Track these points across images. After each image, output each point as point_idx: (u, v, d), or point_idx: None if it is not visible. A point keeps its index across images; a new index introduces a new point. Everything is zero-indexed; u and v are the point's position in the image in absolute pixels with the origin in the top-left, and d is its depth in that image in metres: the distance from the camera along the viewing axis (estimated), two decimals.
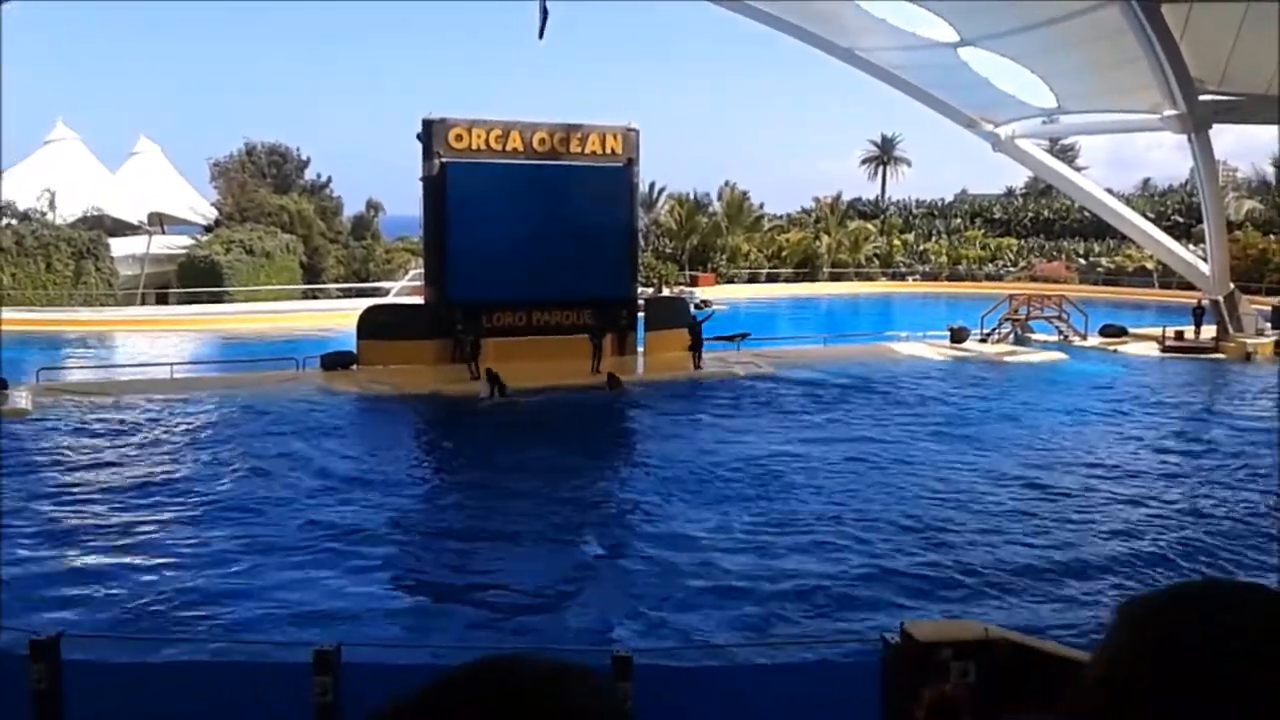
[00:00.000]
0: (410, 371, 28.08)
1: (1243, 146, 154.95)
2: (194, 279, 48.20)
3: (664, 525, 15.65)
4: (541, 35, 29.05)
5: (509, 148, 30.85)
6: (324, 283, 53.86)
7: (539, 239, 30.68)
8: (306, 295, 51.41)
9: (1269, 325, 37.86)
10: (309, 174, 62.54)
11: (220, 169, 58.03)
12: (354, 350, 29.56)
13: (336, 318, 39.82)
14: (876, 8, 33.33)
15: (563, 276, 31.12)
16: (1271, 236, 48.73)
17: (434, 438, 23.15)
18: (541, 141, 31.18)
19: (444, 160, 30.17)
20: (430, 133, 30.29)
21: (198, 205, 56.33)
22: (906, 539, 15.06)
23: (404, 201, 38.06)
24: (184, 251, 50.24)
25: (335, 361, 29.14)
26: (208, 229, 53.69)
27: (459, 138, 30.35)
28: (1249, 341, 35.40)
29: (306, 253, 54.00)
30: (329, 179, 63.03)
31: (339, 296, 51.22)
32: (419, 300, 33.73)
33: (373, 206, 64.37)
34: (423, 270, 34.52)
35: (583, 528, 15.66)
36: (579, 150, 31.64)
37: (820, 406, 25.77)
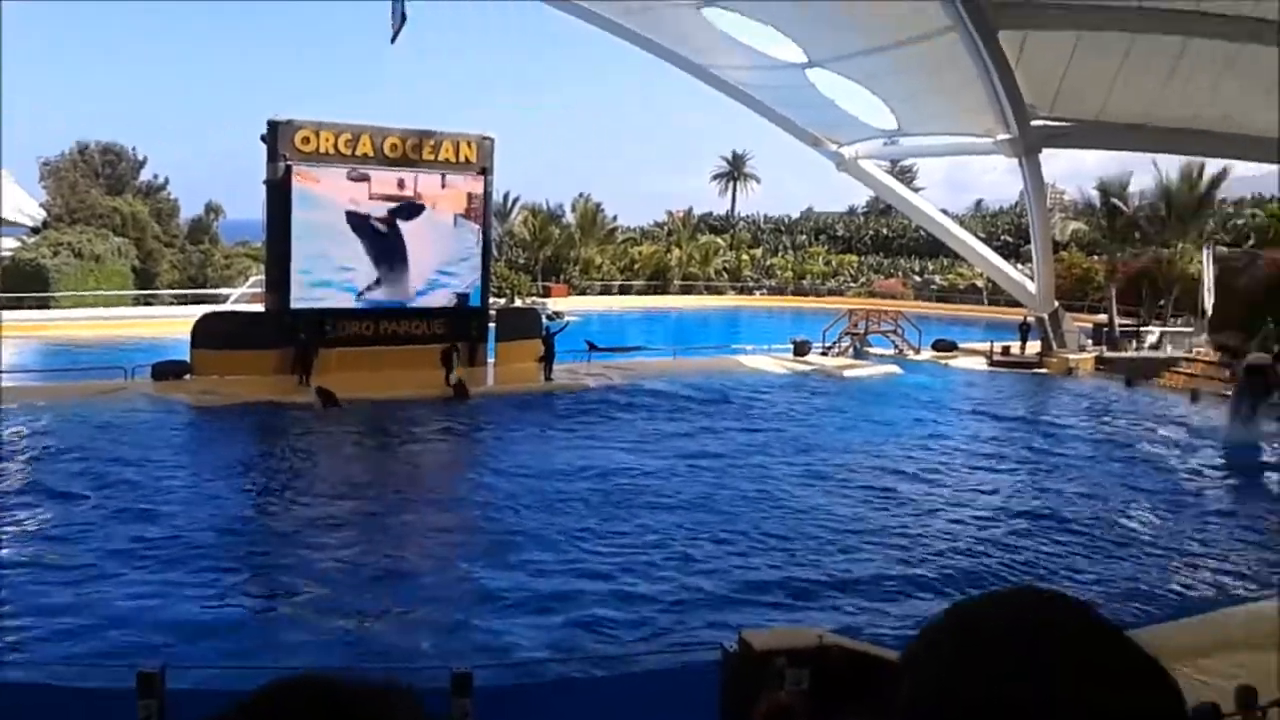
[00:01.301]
0: (247, 382, 27.02)
1: (1071, 170, 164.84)
2: (18, 283, 45.33)
3: (506, 538, 15.53)
4: (394, 39, 28.63)
5: (359, 152, 30.15)
6: (158, 288, 51.50)
7: (384, 247, 30.16)
8: (139, 301, 49.04)
9: (1090, 341, 40.23)
10: (145, 174, 59.71)
11: (50, 168, 54.85)
12: (188, 359, 28.36)
13: (171, 325, 38.06)
14: (729, 26, 34.06)
15: (412, 286, 30.70)
16: (1095, 257, 51.73)
17: (263, 451, 22.29)
18: (393, 147, 30.60)
19: (289, 163, 29.32)
20: (276, 134, 29.31)
21: (25, 206, 53.23)
22: (751, 549, 15.38)
23: (246, 205, 36.69)
24: (9, 254, 47.30)
25: (167, 371, 27.85)
26: (34, 231, 50.76)
27: (306, 140, 29.50)
28: (1071, 357, 37.50)
29: (139, 256, 51.52)
30: (166, 180, 60.29)
31: (174, 303, 49.03)
32: (259, 308, 32.61)
33: (212, 209, 61.90)
34: (264, 277, 33.44)
35: (418, 542, 15.42)
36: (432, 157, 31.20)
37: (668, 418, 26.07)
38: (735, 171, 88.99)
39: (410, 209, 30.69)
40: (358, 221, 30.07)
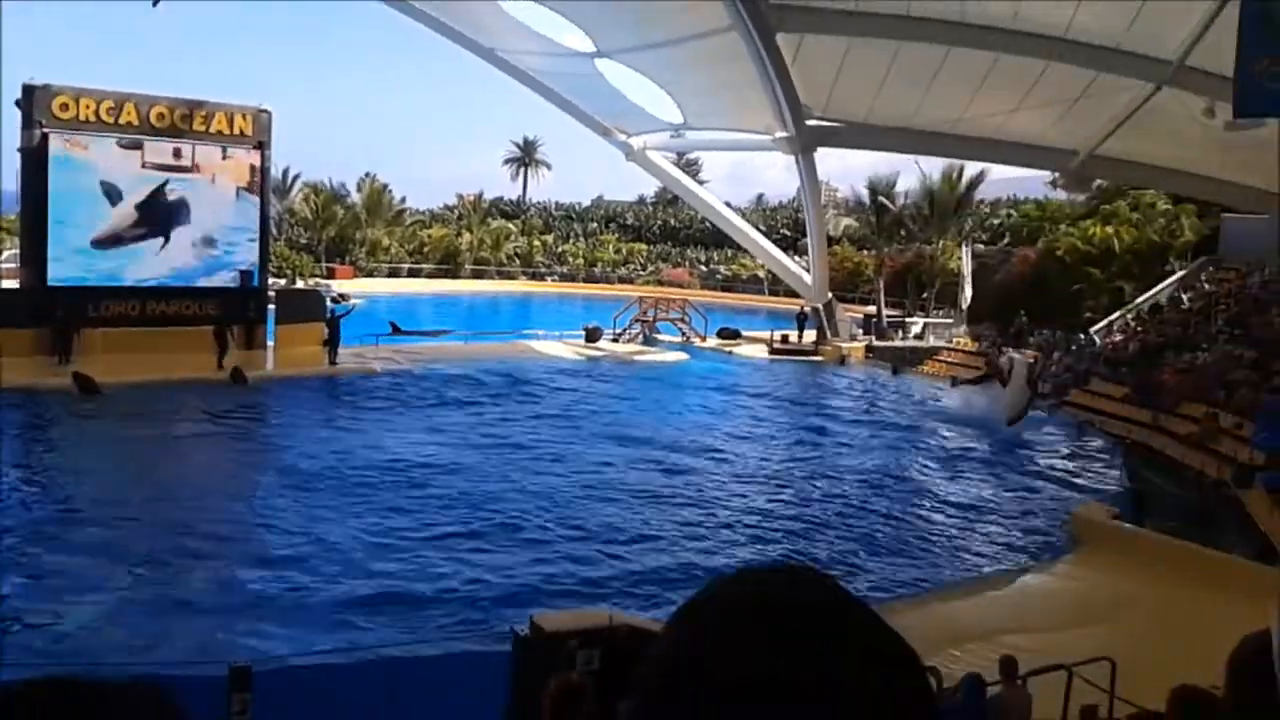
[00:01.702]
0: (4, 364, 24.91)
1: (844, 169, 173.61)
2: None
3: (287, 529, 15.03)
4: (155, 2, 26.98)
5: (122, 121, 28.32)
6: None
7: (155, 221, 28.47)
8: None
9: (861, 331, 42.41)
10: None
11: None
12: None
13: None
14: (519, 11, 33.85)
15: (182, 263, 29.15)
16: (865, 251, 54.45)
17: (16, 439, 20.68)
18: (160, 117, 28.88)
19: (46, 131, 27.18)
20: (31, 100, 27.25)
21: None
22: (544, 532, 15.49)
23: None
24: None
25: None
26: None
27: (64, 107, 27.48)
28: (844, 345, 39.47)
29: None
30: None
31: None
32: (13, 285, 30.13)
33: None
34: (18, 251, 30.89)
35: (187, 533, 14.70)
36: (203, 129, 29.62)
37: (459, 404, 25.84)
38: (526, 157, 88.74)
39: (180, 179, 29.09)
40: (122, 190, 28.25)
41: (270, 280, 34.47)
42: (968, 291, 42.14)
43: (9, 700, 0.77)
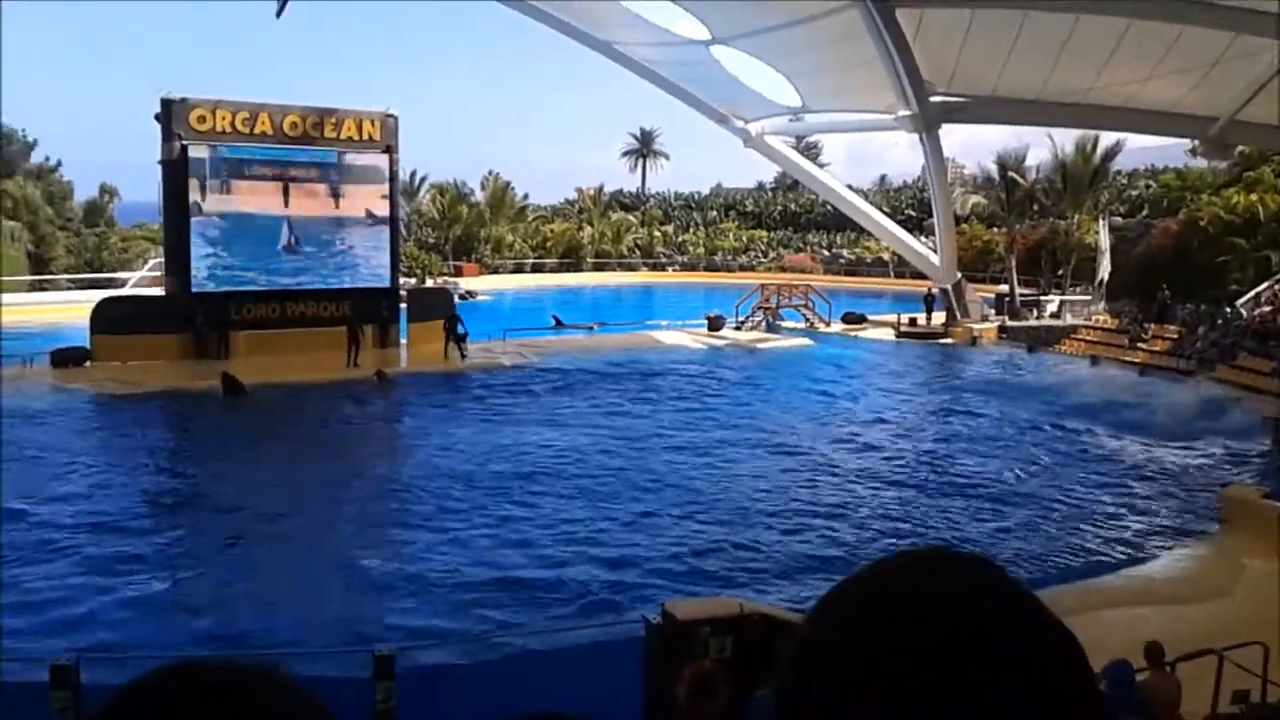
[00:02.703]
0: (150, 368, 26.39)
1: (970, 145, 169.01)
2: None
3: (432, 520, 15.49)
4: (280, 14, 27.94)
5: (257, 131, 29.50)
6: (53, 273, 49.68)
7: (292, 227, 29.65)
8: (33, 287, 47.24)
9: (993, 311, 41.29)
10: (36, 157, 57.33)
11: None
12: (88, 345, 27.53)
13: (68, 310, 36.78)
14: (633, 4, 33.98)
15: (319, 266, 30.29)
16: (994, 229, 52.96)
17: (174, 439, 21.82)
18: (293, 125, 29.99)
19: (185, 143, 28.53)
20: (170, 113, 28.54)
21: None
22: (679, 522, 15.58)
23: (142, 187, 35.65)
24: None
25: (67, 358, 27.04)
26: None
27: (202, 119, 28.75)
28: (975, 327, 38.49)
29: (33, 241, 49.63)
30: (59, 162, 58.03)
31: (70, 288, 47.33)
32: (159, 292, 31.78)
33: (107, 191, 59.75)
34: (163, 260, 32.56)
35: (344, 526, 15.29)
36: (334, 135, 30.64)
37: (586, 396, 26.14)
38: (644, 148, 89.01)
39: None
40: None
41: (401, 280, 35.49)
42: (1106, 266, 40.53)
43: (144, 690, 0.81)
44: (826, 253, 66.88)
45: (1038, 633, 0.77)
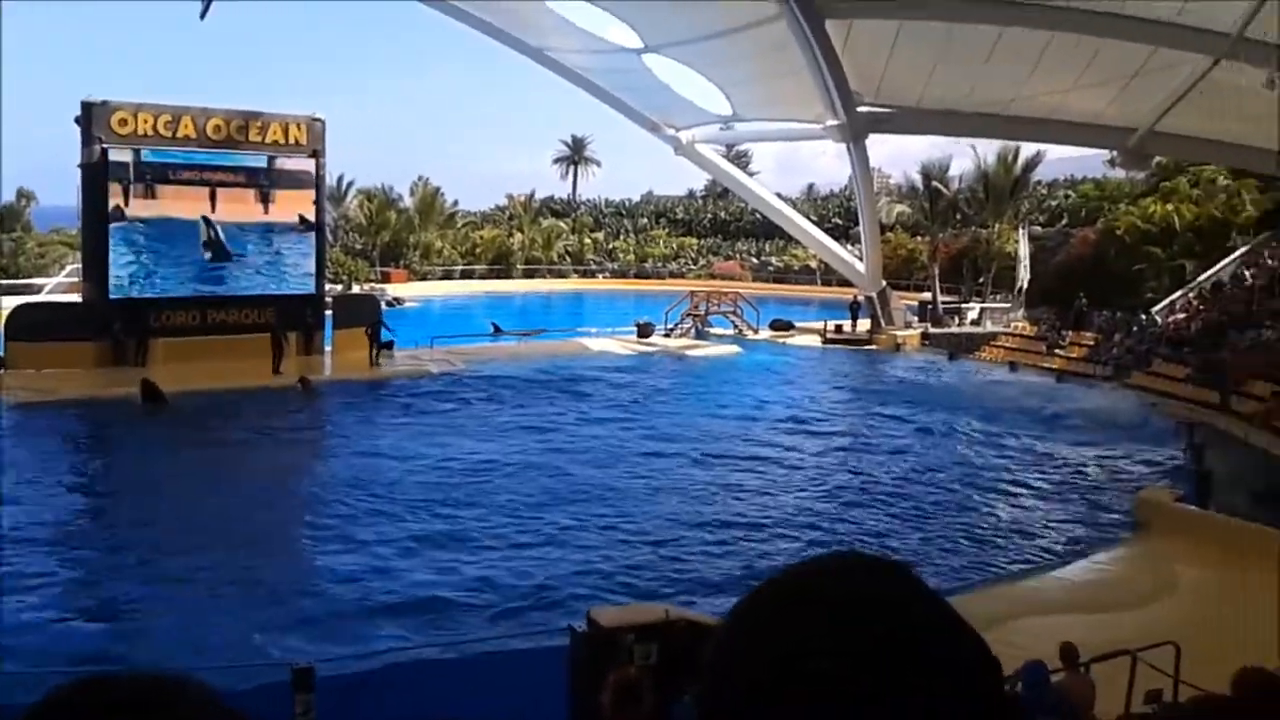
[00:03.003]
0: (66, 375, 25.64)
1: (896, 155, 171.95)
2: None
3: (353, 531, 15.25)
4: (204, 15, 27.44)
5: (180, 134, 28.88)
6: None
7: (211, 227, 29.15)
8: None
9: (916, 319, 42.00)
10: None
11: None
12: (1, 353, 26.69)
13: None
14: (564, 9, 33.97)
15: (241, 273, 29.74)
16: (918, 238, 53.82)
17: (90, 448, 21.25)
18: (217, 129, 29.40)
19: (106, 146, 27.83)
20: (90, 116, 27.84)
21: None
22: (605, 531, 15.55)
23: (60, 191, 34.72)
24: None
25: None
26: None
27: (123, 122, 28.08)
28: (899, 334, 39.12)
29: None
30: None
31: None
32: (77, 298, 30.93)
33: (24, 196, 58.02)
34: (81, 266, 31.71)
35: (262, 537, 15.00)
36: (259, 139, 30.10)
37: (513, 403, 26.00)
38: (576, 155, 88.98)
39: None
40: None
41: (327, 286, 35.00)
42: (1025, 275, 41.48)
43: (66, 700, 0.79)
44: (755, 260, 67.45)
45: (955, 637, 0.77)
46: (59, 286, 42.62)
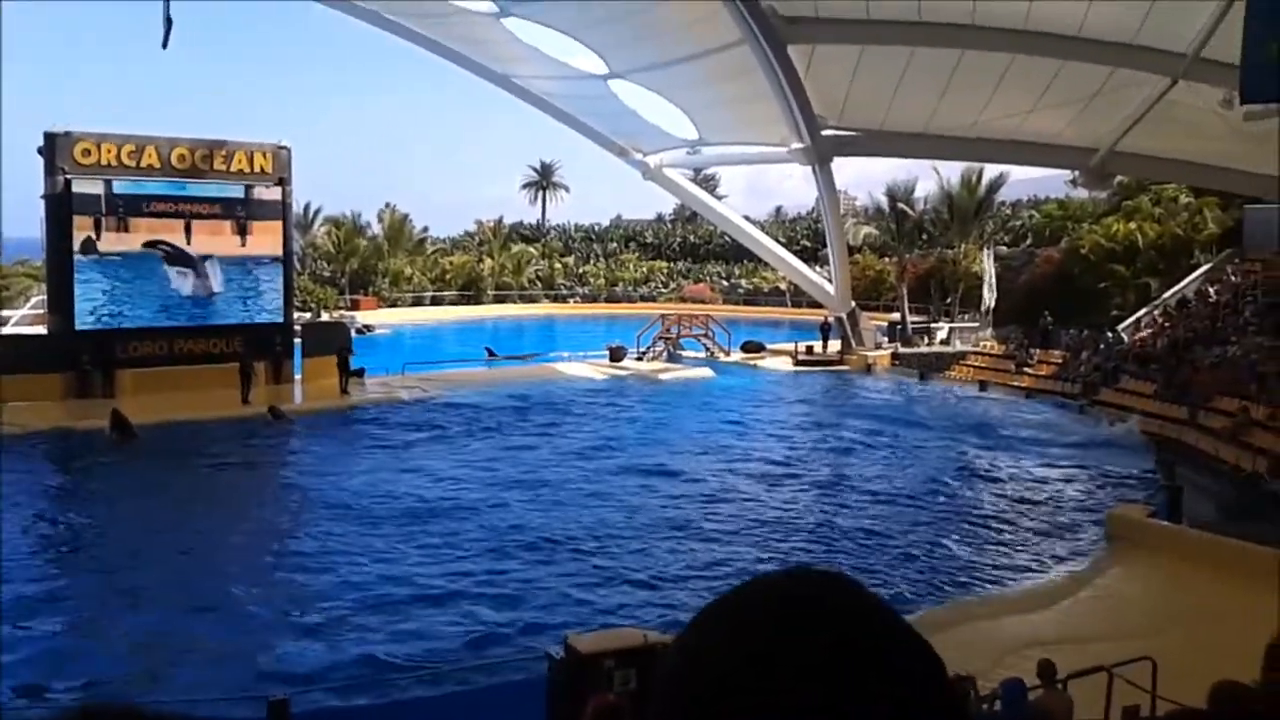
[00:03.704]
0: (32, 408, 25.28)
1: (861, 178, 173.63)
2: None
3: (325, 562, 15.10)
4: (165, 44, 27.27)
5: (144, 164, 28.70)
6: None
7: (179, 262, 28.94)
8: None
9: (886, 339, 42.25)
10: None
11: None
12: None
13: None
14: (529, 37, 34.09)
15: (208, 302, 29.56)
16: (886, 259, 54.21)
17: (57, 481, 20.93)
18: (181, 158, 29.25)
19: (69, 177, 27.60)
20: (53, 147, 27.64)
21: None
22: (575, 557, 15.47)
23: (23, 223, 34.39)
24: None
25: None
26: None
27: (86, 153, 27.88)
28: (869, 354, 39.34)
29: None
30: None
31: None
32: (41, 330, 30.57)
33: None
34: (45, 297, 31.36)
35: (234, 569, 14.82)
36: (224, 168, 29.96)
37: (485, 429, 25.91)
38: (544, 181, 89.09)
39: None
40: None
41: (295, 314, 34.80)
42: (991, 295, 41.89)
43: None
44: (725, 283, 67.71)
45: (903, 645, 0.77)
46: (24, 319, 42.12)
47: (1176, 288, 36.62)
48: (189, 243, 29.49)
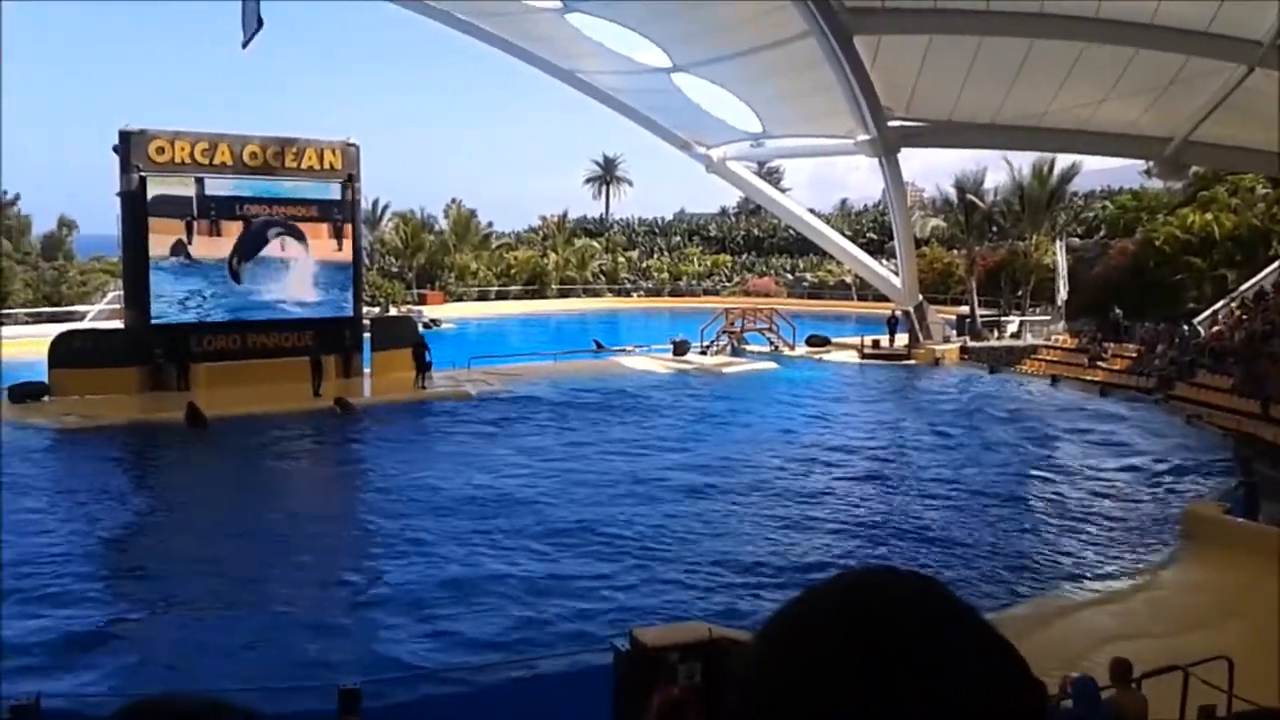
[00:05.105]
0: (110, 401, 26.03)
1: (928, 169, 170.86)
2: None
3: (396, 553, 15.32)
4: (246, 44, 27.83)
5: (217, 161, 29.28)
6: (10, 307, 48.95)
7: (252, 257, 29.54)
8: None
9: (954, 333, 41.69)
10: None
11: None
12: (46, 380, 27.14)
13: (26, 345, 36.22)
14: (594, 32, 34.21)
15: (281, 297, 30.15)
16: (954, 251, 53.48)
17: (135, 473, 21.51)
18: (253, 155, 29.80)
19: (144, 174, 28.29)
20: (128, 145, 28.30)
21: None
22: (641, 548, 15.50)
23: (100, 220, 35.35)
24: None
25: (25, 393, 26.59)
26: None
27: (161, 150, 28.51)
28: (937, 348, 38.83)
29: None
30: (16, 196, 57.44)
31: (28, 322, 46.66)
32: (118, 324, 31.41)
33: (65, 224, 59.21)
34: (122, 293, 32.19)
35: (307, 559, 15.11)
36: (294, 165, 30.48)
37: (552, 422, 26.04)
38: (607, 175, 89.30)
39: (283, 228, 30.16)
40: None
41: (365, 309, 35.31)
42: (1064, 287, 41.08)
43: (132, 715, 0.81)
44: (790, 276, 67.27)
45: (998, 653, 0.76)
46: (101, 314, 43.34)
47: (1254, 280, 35.61)
48: (283, 249, 30.14)
